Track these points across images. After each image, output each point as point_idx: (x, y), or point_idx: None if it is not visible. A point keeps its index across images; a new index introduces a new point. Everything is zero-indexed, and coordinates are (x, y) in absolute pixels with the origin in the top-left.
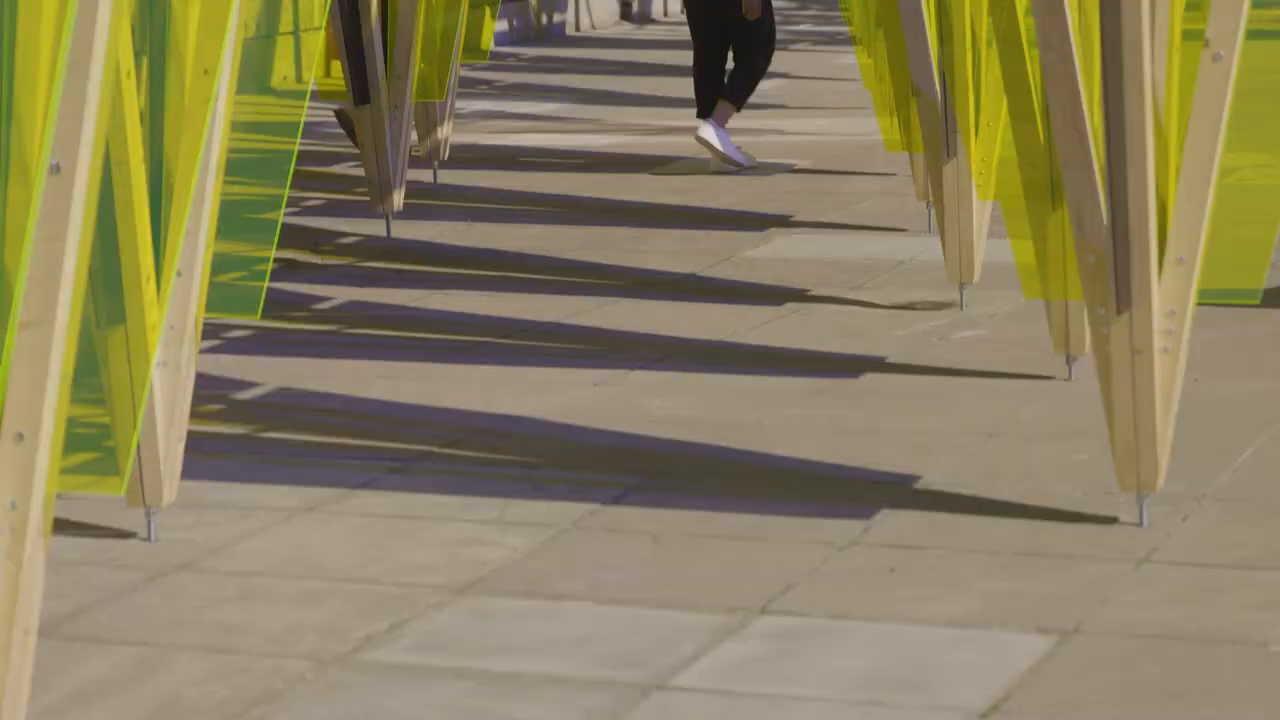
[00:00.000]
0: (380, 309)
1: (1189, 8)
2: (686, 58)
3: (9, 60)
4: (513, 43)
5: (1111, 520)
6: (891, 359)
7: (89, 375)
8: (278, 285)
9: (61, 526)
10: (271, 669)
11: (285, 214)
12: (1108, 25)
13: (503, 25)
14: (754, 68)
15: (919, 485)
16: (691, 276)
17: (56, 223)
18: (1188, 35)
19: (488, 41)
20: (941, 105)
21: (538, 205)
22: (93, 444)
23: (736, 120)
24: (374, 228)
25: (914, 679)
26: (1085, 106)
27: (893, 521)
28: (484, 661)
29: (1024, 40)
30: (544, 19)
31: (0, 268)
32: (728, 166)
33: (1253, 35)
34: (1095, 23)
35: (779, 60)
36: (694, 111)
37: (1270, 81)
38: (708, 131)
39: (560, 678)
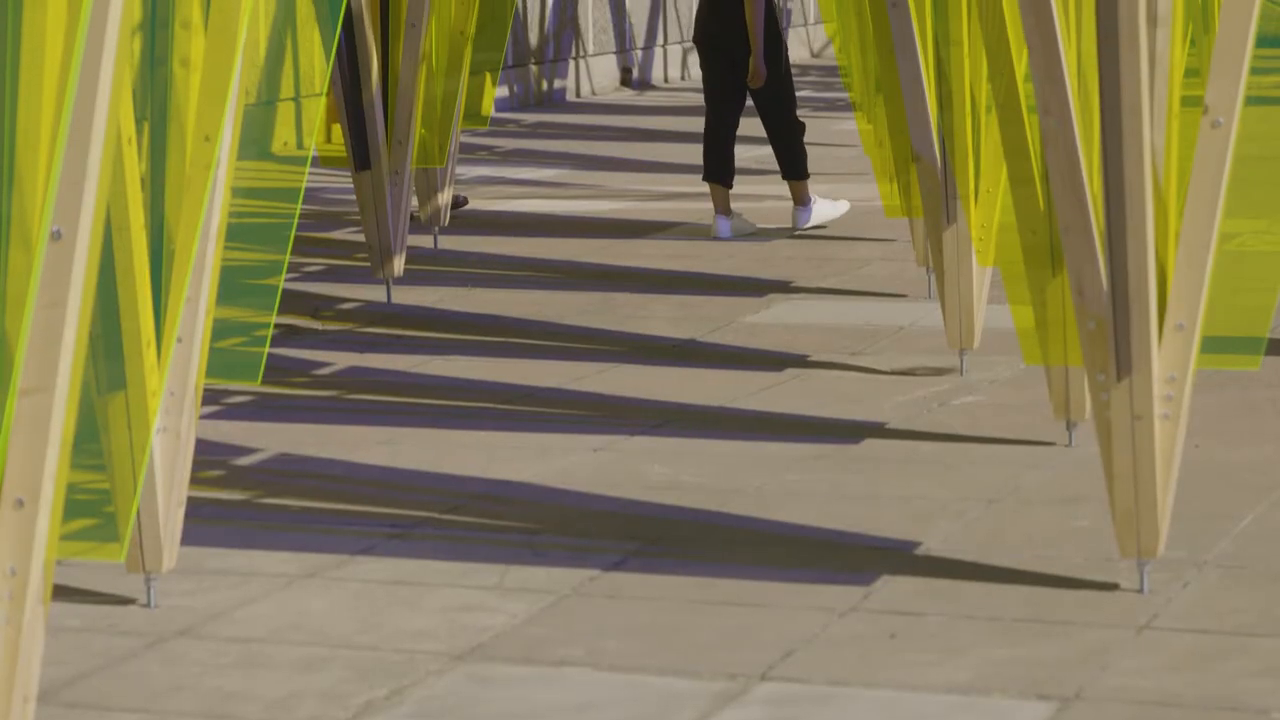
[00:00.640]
0: (380, 374)
1: (1188, 74)
2: (686, 123)
3: (10, 125)
4: (514, 108)
5: (1112, 586)
6: (892, 424)
7: (89, 441)
8: (278, 351)
9: (61, 593)
10: None
11: (286, 279)
12: (1107, 91)
13: (504, 91)
14: (789, 129)
15: (919, 551)
16: (691, 342)
17: (57, 289)
18: (1187, 101)
19: (488, 107)
20: (941, 171)
21: (538, 270)
22: (92, 510)
23: (741, 184)
24: (374, 293)
25: None
26: (1085, 172)
27: (893, 587)
28: None
29: (1023, 106)
30: (545, 85)
31: (1, 334)
32: (821, 223)
33: (1252, 101)
34: (1094, 88)
35: None
36: (695, 176)
37: (1269, 147)
38: (804, 218)
39: None
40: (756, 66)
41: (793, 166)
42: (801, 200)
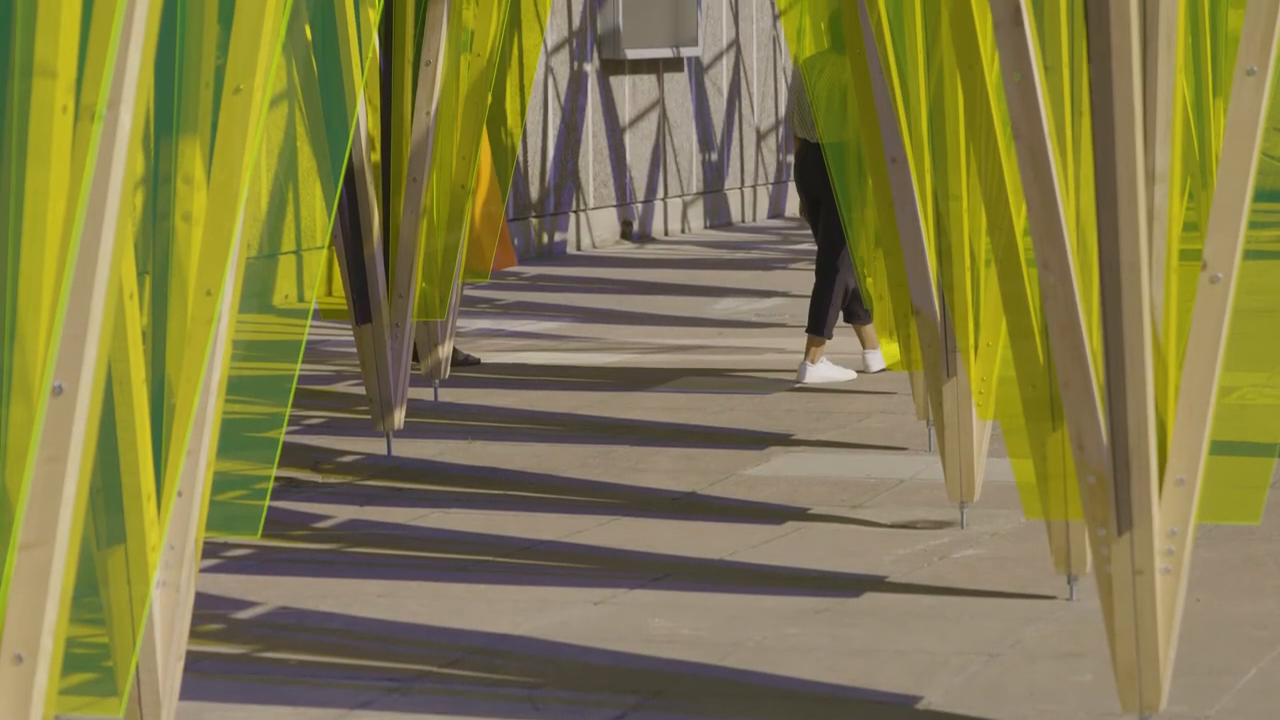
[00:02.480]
0: (380, 528)
1: (1187, 227)
2: (686, 276)
3: (12, 280)
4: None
5: None
6: (892, 578)
7: (88, 595)
8: (278, 504)
9: None
10: None
11: (286, 432)
12: (1106, 247)
13: None
14: (824, 281)
15: (920, 705)
16: (692, 494)
17: (58, 444)
18: (1185, 256)
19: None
20: (941, 325)
21: (538, 423)
22: (91, 664)
23: (737, 337)
24: (374, 446)
25: None
26: (1084, 327)
27: None
28: None
29: (1022, 260)
30: (545, 238)
31: (1, 487)
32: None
33: (1250, 256)
34: (1093, 244)
35: (779, 279)
36: (691, 330)
37: (1268, 301)
38: (803, 373)
39: None
40: None
41: (814, 319)
42: (813, 356)
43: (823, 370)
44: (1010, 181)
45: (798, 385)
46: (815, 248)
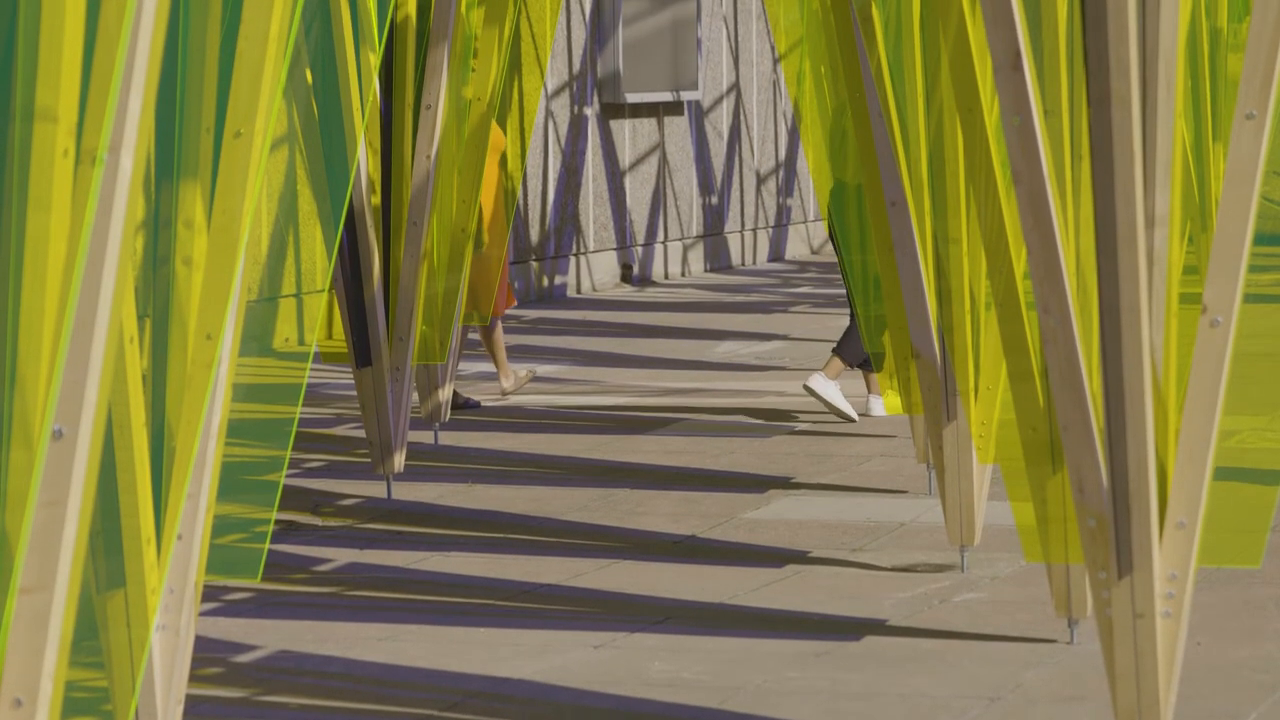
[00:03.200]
0: (380, 570)
1: (1187, 270)
2: (686, 319)
3: (13, 324)
4: (515, 304)
5: None
6: (892, 621)
7: (88, 638)
8: (278, 547)
9: None
10: None
11: (286, 476)
12: (1106, 290)
13: None
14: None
15: None
16: (691, 538)
17: (58, 488)
18: (1185, 299)
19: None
20: (941, 367)
21: (538, 466)
22: (91, 708)
23: (737, 380)
24: (375, 489)
25: None
26: (1084, 370)
27: None
28: None
29: (1022, 303)
30: (545, 281)
31: (1, 532)
32: (833, 416)
33: (1250, 299)
34: (1093, 287)
35: (779, 322)
36: (691, 373)
37: (1268, 345)
38: (817, 382)
39: None
40: None
41: (843, 344)
42: (830, 371)
43: (832, 394)
44: (1010, 225)
45: (800, 427)
46: (815, 291)
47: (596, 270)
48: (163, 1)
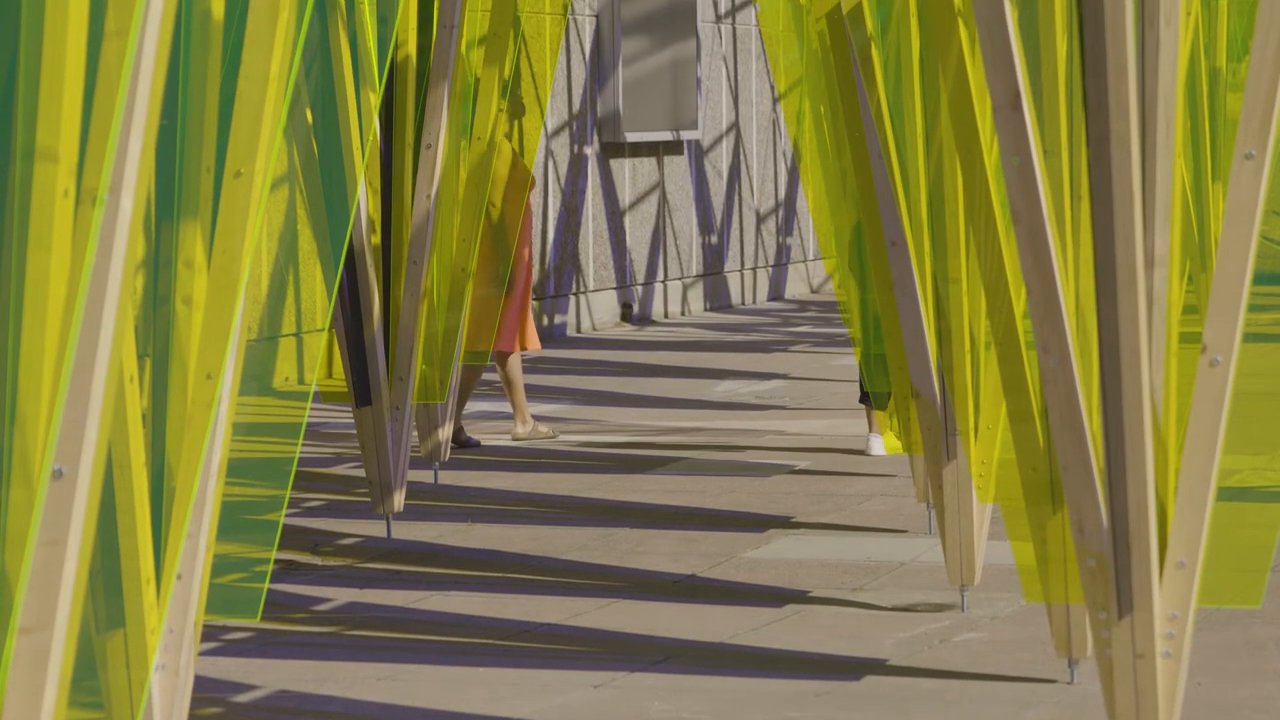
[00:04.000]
0: (380, 610)
1: (1186, 310)
2: (686, 358)
3: (13, 364)
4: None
5: None
6: (892, 661)
7: (87, 678)
8: (278, 586)
9: None
10: None
11: (286, 515)
12: (1105, 330)
13: None
14: None
15: None
16: (691, 577)
17: (58, 528)
18: (1185, 338)
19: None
20: (941, 407)
21: (538, 506)
22: None
23: (737, 419)
24: (374, 529)
25: None
26: (1084, 410)
27: None
28: None
29: (1022, 342)
30: (545, 320)
31: (1, 571)
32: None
33: (1250, 338)
34: (1093, 327)
35: (779, 361)
36: (691, 412)
37: (1268, 384)
38: (870, 439)
39: None
40: None
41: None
42: (871, 428)
43: (874, 445)
44: (1010, 265)
45: (799, 468)
46: (815, 330)
47: (596, 309)
48: (163, 42)
